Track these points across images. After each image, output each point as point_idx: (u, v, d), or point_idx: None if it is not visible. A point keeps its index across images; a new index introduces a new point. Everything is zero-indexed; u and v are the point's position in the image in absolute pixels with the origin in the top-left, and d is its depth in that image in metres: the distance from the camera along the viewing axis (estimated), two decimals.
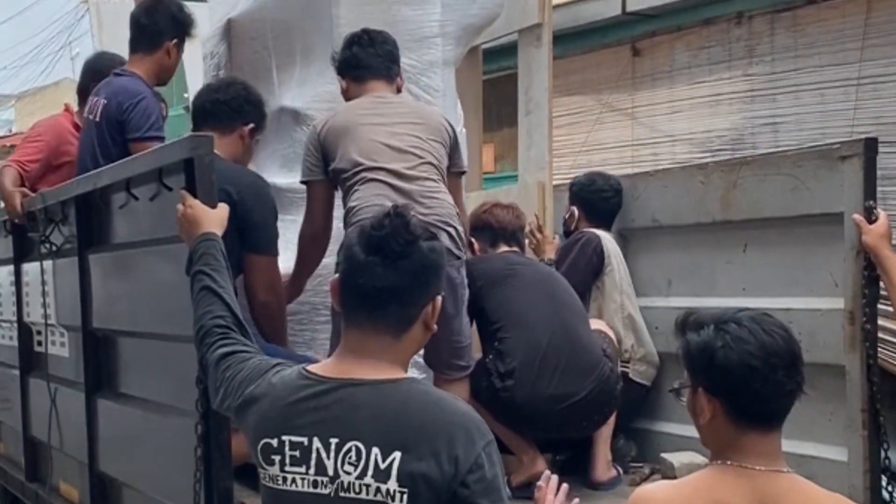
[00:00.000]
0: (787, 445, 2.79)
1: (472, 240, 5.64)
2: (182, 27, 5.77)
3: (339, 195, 4.95)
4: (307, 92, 5.79)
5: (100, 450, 5.18)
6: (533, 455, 5.26)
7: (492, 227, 5.67)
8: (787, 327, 2.74)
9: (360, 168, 4.73)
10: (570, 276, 5.77)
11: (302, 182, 5.03)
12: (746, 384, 2.65)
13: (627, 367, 5.93)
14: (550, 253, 6.11)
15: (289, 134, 5.80)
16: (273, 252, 4.85)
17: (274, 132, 5.77)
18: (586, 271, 5.97)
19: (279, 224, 4.94)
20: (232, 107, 5.00)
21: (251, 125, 5.04)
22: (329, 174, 4.90)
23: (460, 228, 4.87)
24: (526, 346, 5.24)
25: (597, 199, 6.27)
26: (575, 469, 5.56)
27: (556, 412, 5.18)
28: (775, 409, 2.71)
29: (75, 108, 6.57)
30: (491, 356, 5.29)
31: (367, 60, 5.10)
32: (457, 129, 5.32)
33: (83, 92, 6.29)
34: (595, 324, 5.69)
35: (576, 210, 6.29)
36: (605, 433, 5.50)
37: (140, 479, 4.76)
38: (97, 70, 6.26)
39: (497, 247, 5.66)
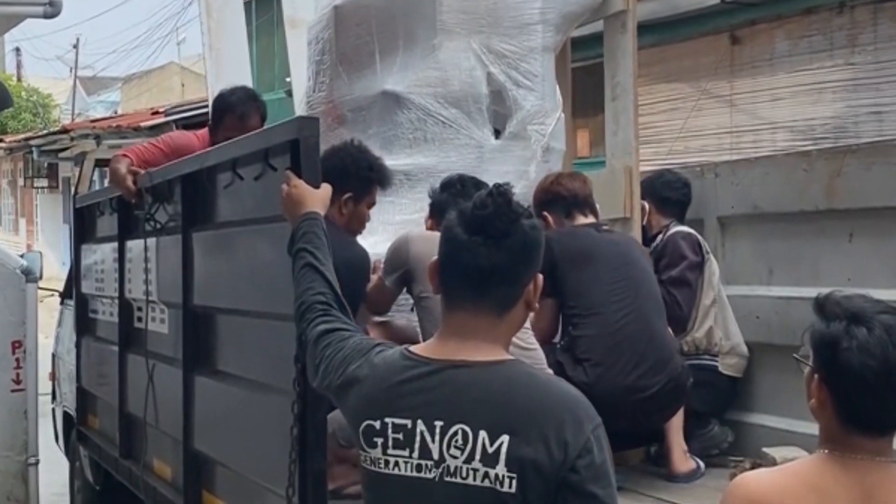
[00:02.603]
0: None
1: (545, 214, 5.51)
2: None
3: None
4: (409, 76, 5.87)
5: (195, 427, 5.18)
6: None
7: (563, 198, 5.53)
8: None
9: None
10: (679, 279, 5.81)
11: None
12: (859, 394, 2.57)
13: (716, 361, 5.88)
14: None
15: (390, 117, 5.87)
16: None
17: (375, 115, 5.87)
18: (696, 271, 5.94)
19: (377, 205, 4.97)
20: (328, 180, 4.82)
21: (348, 194, 4.95)
22: (412, 293, 4.99)
23: None
24: (603, 334, 5.20)
25: (668, 191, 6.27)
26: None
27: (629, 404, 5.11)
28: (886, 423, 2.63)
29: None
30: (565, 340, 5.27)
31: None
32: (556, 115, 5.27)
33: (214, 128, 6.20)
34: None
35: (646, 204, 6.26)
36: (675, 424, 5.45)
37: (234, 458, 4.75)
38: (229, 104, 6.20)
39: (573, 217, 5.52)
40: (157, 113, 22.12)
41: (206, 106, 7.55)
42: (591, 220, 5.56)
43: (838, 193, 5.48)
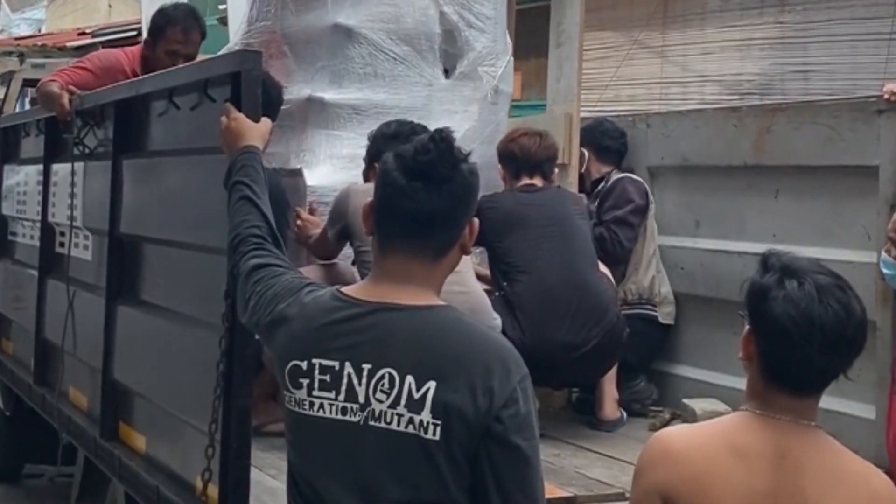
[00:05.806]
0: None
1: (500, 166, 5.64)
2: None
3: None
4: (362, 11, 5.84)
5: (115, 357, 5.10)
6: None
7: (515, 157, 5.60)
8: (853, 307, 2.58)
9: None
10: (622, 219, 5.87)
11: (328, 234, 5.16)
12: (777, 345, 2.57)
13: (656, 312, 5.94)
14: None
15: (341, 51, 5.84)
16: None
17: (325, 48, 5.82)
18: (641, 215, 5.99)
19: (324, 139, 4.94)
20: None
21: None
22: (352, 245, 5.05)
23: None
24: (533, 290, 5.23)
25: (607, 140, 6.36)
26: (588, 409, 5.60)
27: (566, 360, 5.17)
28: (804, 380, 2.61)
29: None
30: (500, 294, 5.29)
31: None
32: (506, 58, 5.26)
33: (153, 42, 6.15)
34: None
35: (585, 152, 6.32)
36: (610, 373, 5.52)
37: (155, 391, 4.68)
38: (173, 17, 6.15)
39: (519, 178, 5.60)
40: (84, 33, 21.58)
41: (135, 28, 7.38)
42: (532, 183, 5.58)
43: (766, 150, 5.54)
